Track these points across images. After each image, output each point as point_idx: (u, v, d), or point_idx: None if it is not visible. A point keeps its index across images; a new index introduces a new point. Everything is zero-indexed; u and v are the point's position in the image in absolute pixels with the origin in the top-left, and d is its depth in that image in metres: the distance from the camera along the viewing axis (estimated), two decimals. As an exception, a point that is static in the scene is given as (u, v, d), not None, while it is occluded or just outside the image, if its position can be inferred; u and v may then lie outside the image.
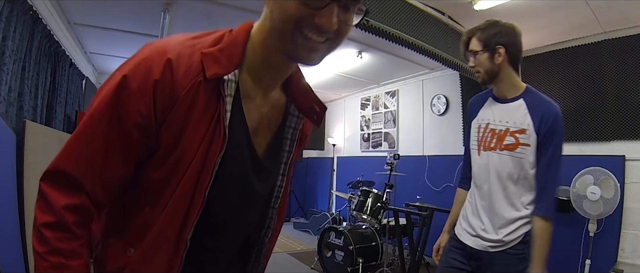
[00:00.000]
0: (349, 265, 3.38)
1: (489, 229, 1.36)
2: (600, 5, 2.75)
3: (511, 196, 1.35)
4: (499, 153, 1.37)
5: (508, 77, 1.38)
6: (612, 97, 3.10)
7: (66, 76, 3.72)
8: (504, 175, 1.35)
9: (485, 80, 1.40)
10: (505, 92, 1.40)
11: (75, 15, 3.40)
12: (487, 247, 1.36)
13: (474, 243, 1.40)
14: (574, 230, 3.11)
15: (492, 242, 1.35)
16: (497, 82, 1.40)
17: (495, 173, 1.37)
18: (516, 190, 1.34)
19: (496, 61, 1.35)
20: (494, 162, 1.38)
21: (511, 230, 1.33)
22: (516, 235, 1.33)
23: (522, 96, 1.37)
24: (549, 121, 1.30)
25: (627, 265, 2.80)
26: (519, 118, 1.35)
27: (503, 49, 1.33)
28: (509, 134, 1.35)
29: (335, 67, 4.71)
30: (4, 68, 2.29)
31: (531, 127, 1.32)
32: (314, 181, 7.13)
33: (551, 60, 3.52)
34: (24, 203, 2.47)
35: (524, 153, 1.33)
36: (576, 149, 3.33)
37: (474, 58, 1.39)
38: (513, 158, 1.34)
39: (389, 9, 2.55)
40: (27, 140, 2.54)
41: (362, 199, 3.64)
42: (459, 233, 1.48)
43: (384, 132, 5.50)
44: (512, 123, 1.36)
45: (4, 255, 2.06)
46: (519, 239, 1.32)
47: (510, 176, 1.34)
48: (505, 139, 1.36)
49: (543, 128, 1.30)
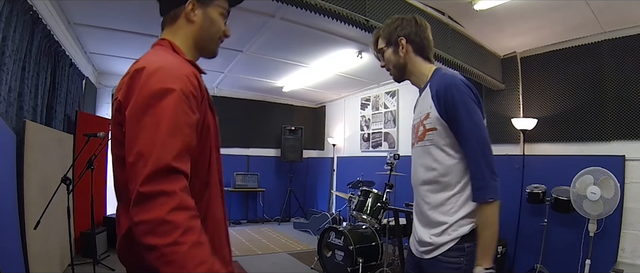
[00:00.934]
0: (349, 265, 3.38)
1: (421, 231, 1.24)
2: (600, 5, 2.75)
3: (433, 196, 1.20)
4: (415, 147, 1.30)
5: (416, 68, 1.31)
6: (612, 97, 3.10)
7: (66, 76, 3.72)
8: (421, 171, 1.25)
9: (397, 75, 1.34)
10: (419, 82, 1.33)
11: (75, 15, 3.40)
12: (421, 252, 1.23)
13: (415, 251, 1.28)
14: (574, 230, 3.12)
15: (424, 245, 1.21)
16: (409, 75, 1.33)
17: (415, 170, 1.29)
18: (437, 187, 1.19)
19: (401, 54, 1.30)
20: (414, 159, 1.30)
21: (438, 231, 1.17)
22: (446, 238, 1.15)
23: (428, 82, 1.28)
24: (443, 94, 1.16)
25: (627, 265, 2.80)
26: (426, 103, 1.24)
27: (404, 40, 1.29)
28: (420, 125, 1.26)
29: (335, 67, 4.71)
30: (4, 68, 2.29)
31: (433, 108, 1.19)
32: (314, 181, 7.13)
33: (551, 60, 3.52)
34: (24, 203, 2.47)
35: (433, 138, 1.19)
36: (576, 149, 3.33)
37: (383, 57, 1.35)
38: (424, 148, 1.23)
39: (389, 9, 2.55)
40: (27, 140, 2.54)
41: (362, 199, 3.64)
42: (411, 242, 1.35)
43: (384, 132, 5.50)
44: (421, 112, 1.28)
45: (4, 255, 2.06)
46: (451, 244, 1.14)
47: (427, 169, 1.22)
48: (419, 130, 1.27)
49: (441, 104, 1.16)
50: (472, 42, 3.36)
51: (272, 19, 3.24)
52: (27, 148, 2.54)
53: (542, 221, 3.28)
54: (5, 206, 2.21)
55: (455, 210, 1.15)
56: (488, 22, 3.16)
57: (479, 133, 1.12)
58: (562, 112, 3.43)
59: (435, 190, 1.20)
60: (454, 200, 1.16)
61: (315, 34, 3.57)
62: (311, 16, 2.34)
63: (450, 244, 1.14)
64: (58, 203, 2.60)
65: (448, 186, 1.17)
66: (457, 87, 1.14)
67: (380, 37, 1.36)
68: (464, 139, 1.13)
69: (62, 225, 2.79)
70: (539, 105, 3.60)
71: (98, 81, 5.34)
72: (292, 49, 4.16)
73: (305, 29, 3.46)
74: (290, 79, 5.54)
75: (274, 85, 5.91)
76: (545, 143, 3.56)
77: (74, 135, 3.80)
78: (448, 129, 1.16)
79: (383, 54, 1.35)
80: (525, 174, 3.56)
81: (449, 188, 1.17)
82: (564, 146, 3.43)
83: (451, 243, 1.14)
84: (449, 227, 1.15)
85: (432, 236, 1.18)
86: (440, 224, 1.17)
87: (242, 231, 5.72)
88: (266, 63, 4.62)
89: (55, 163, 3.16)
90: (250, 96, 6.63)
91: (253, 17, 3.25)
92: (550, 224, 3.28)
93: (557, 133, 3.46)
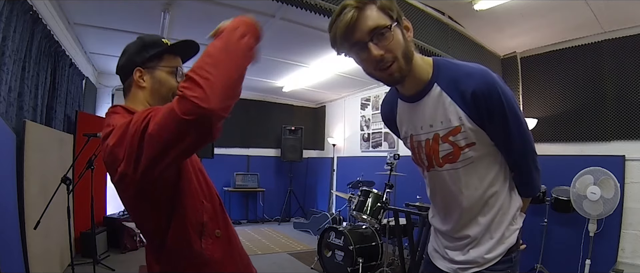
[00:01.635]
0: (349, 265, 3.38)
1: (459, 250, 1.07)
2: (600, 5, 2.75)
3: (481, 218, 1.02)
4: (439, 170, 1.02)
5: (417, 63, 0.95)
6: (612, 97, 3.10)
7: (66, 76, 3.72)
8: (458, 193, 1.01)
9: (403, 69, 0.90)
10: (416, 82, 0.97)
11: (75, 15, 3.40)
12: (457, 270, 1.06)
13: (446, 267, 1.10)
14: (574, 230, 3.12)
15: (466, 263, 1.04)
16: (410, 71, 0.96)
17: (447, 193, 1.04)
18: (483, 205, 1.01)
19: (408, 39, 0.91)
20: (442, 180, 1.04)
21: (488, 248, 1.02)
22: (497, 251, 1.02)
23: (434, 80, 0.96)
24: (486, 100, 0.90)
25: (627, 265, 2.80)
26: (443, 112, 0.96)
27: (409, 23, 0.94)
28: (442, 141, 0.98)
29: (335, 67, 4.71)
30: (4, 68, 2.29)
31: (465, 118, 0.93)
32: (314, 181, 7.13)
33: (551, 60, 3.52)
34: (24, 203, 2.47)
35: (472, 155, 0.96)
36: (576, 149, 3.33)
37: (383, 40, 0.86)
38: (462, 170, 0.99)
39: (389, 9, 2.55)
40: (27, 140, 2.54)
41: (362, 199, 3.64)
42: (432, 255, 1.18)
43: (384, 132, 5.50)
44: (439, 124, 0.97)
45: (4, 255, 2.06)
46: (500, 257, 1.02)
47: (463, 192, 1.00)
48: (440, 149, 0.99)
49: (484, 113, 0.92)
50: (472, 42, 3.36)
51: (272, 19, 3.24)
52: (27, 148, 2.54)
53: (542, 221, 3.28)
54: (5, 206, 2.21)
55: (504, 221, 1.02)
56: (488, 22, 3.16)
57: (530, 135, 1.01)
58: (562, 112, 3.43)
59: (480, 207, 1.01)
60: (502, 211, 1.02)
61: (315, 34, 3.56)
62: (311, 16, 2.34)
63: (499, 257, 1.01)
64: (58, 203, 2.59)
65: (495, 199, 1.01)
66: (499, 87, 0.92)
67: (374, 10, 0.87)
68: (514, 143, 0.97)
69: (62, 225, 2.79)
70: (539, 105, 3.60)
71: (98, 81, 5.34)
72: (292, 49, 4.16)
73: (305, 29, 3.46)
74: (290, 79, 5.54)
75: (274, 85, 5.91)
76: (545, 143, 3.56)
77: (74, 135, 3.80)
78: (485, 135, 0.96)
79: (383, 34, 0.86)
80: (525, 174, 3.56)
81: (497, 200, 1.01)
82: (564, 146, 3.43)
83: (500, 257, 1.01)
84: (500, 240, 1.01)
85: (479, 253, 1.02)
86: (489, 239, 1.02)
87: (242, 231, 5.72)
88: (266, 63, 4.62)
89: (55, 163, 3.16)
90: (250, 95, 6.63)
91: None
92: (550, 224, 3.28)
93: (557, 133, 3.46)
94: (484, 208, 1.01)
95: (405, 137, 1.12)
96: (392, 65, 0.89)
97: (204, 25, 3.87)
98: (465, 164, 0.98)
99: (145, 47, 0.98)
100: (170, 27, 3.45)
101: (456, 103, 0.93)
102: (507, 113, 0.92)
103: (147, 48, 0.98)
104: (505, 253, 1.01)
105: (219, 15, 3.40)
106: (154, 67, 0.97)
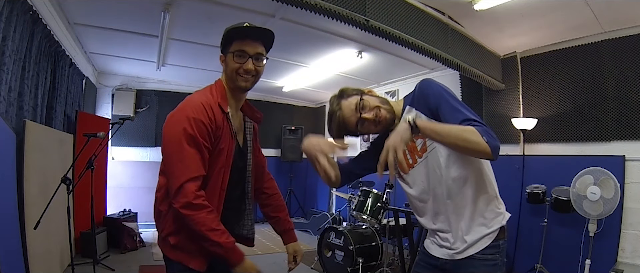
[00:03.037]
0: (349, 265, 3.38)
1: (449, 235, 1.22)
2: (600, 5, 2.75)
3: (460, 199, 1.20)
4: (423, 159, 1.24)
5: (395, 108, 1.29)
6: (612, 97, 3.10)
7: (66, 76, 3.72)
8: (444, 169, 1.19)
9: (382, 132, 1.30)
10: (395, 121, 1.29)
11: (75, 15, 3.40)
12: (452, 254, 1.20)
13: (441, 254, 1.24)
14: (574, 230, 3.12)
15: (458, 245, 1.20)
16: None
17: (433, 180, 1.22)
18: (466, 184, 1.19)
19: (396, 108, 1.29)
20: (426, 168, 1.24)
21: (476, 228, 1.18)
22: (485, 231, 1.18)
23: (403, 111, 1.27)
24: (419, 97, 1.20)
25: (627, 265, 2.80)
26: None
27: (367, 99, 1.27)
28: (414, 138, 1.21)
29: (335, 67, 4.71)
30: (4, 68, 2.29)
31: (421, 115, 1.19)
32: (314, 181, 7.12)
33: (551, 60, 3.52)
34: (24, 202, 2.47)
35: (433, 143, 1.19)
36: (576, 149, 3.33)
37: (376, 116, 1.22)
38: (431, 156, 1.21)
39: (389, 9, 2.55)
40: (27, 140, 2.54)
41: (362, 199, 3.64)
42: (428, 246, 1.32)
43: (384, 132, 5.50)
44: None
45: (4, 255, 2.06)
46: (488, 241, 1.17)
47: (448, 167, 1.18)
48: (416, 143, 1.24)
49: (424, 106, 1.19)
50: (472, 42, 3.36)
51: (272, 19, 3.23)
52: (27, 148, 2.54)
53: (542, 221, 3.28)
54: (5, 206, 2.21)
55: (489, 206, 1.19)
56: (488, 22, 3.16)
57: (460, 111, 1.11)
58: (562, 112, 3.43)
59: (463, 192, 1.18)
60: (488, 197, 1.20)
61: (315, 34, 3.56)
62: (311, 16, 2.33)
63: (488, 242, 1.17)
64: (58, 203, 2.59)
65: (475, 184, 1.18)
66: (425, 83, 1.20)
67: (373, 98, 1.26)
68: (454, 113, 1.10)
69: (62, 225, 2.78)
70: (539, 105, 3.60)
71: (98, 81, 5.34)
72: (292, 49, 4.16)
73: (305, 29, 3.46)
74: (290, 79, 5.54)
75: (274, 85, 5.91)
76: (545, 143, 3.56)
77: (74, 135, 3.80)
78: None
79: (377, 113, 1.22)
80: (525, 174, 3.56)
81: (477, 185, 1.18)
82: (564, 146, 3.43)
83: (488, 241, 1.17)
84: (486, 224, 1.18)
85: (469, 236, 1.17)
86: (477, 224, 1.18)
87: (242, 231, 5.71)
88: (266, 63, 4.62)
89: (55, 163, 3.16)
90: (250, 95, 6.38)
91: (253, 17, 3.25)
92: (550, 224, 3.28)
93: (557, 133, 3.46)
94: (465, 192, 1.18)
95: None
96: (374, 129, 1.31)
97: (204, 25, 3.88)
98: (433, 149, 1.20)
99: (222, 38, 1.25)
100: (170, 27, 3.45)
101: (416, 109, 1.22)
102: (435, 98, 1.15)
103: (222, 39, 1.25)
104: (493, 238, 1.18)
105: (219, 15, 3.42)
106: (226, 52, 1.25)
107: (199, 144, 1.14)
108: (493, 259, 1.17)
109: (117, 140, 5.22)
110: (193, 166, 1.14)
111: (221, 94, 1.26)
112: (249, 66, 1.22)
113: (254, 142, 1.43)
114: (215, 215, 1.16)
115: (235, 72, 1.22)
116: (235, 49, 1.21)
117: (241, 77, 1.23)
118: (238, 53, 1.21)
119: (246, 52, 1.21)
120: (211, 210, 1.14)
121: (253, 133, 1.43)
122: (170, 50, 4.25)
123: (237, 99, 1.33)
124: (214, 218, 1.14)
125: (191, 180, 1.12)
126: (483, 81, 3.56)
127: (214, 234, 1.11)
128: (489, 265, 1.16)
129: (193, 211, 1.10)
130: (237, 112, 1.36)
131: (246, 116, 1.42)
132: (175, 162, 1.14)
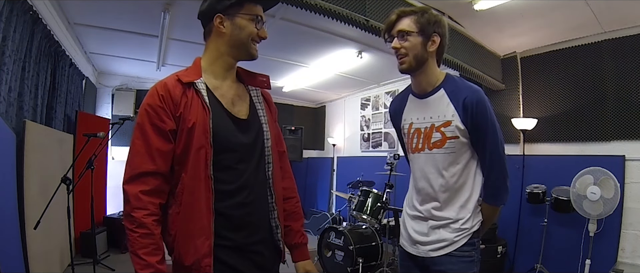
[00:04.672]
0: (349, 265, 3.38)
1: (429, 231, 1.29)
2: (600, 5, 2.75)
3: (450, 197, 1.26)
4: (428, 153, 1.29)
5: (431, 69, 1.29)
6: (612, 97, 3.10)
7: (66, 76, 3.72)
8: (437, 177, 1.26)
9: (412, 66, 1.25)
10: (426, 85, 1.30)
11: (75, 15, 3.40)
12: (428, 251, 1.28)
13: (417, 251, 1.31)
14: (574, 230, 3.12)
15: (435, 243, 1.27)
16: (420, 73, 1.28)
17: (427, 176, 1.29)
18: (454, 190, 1.26)
19: (429, 49, 1.25)
20: (424, 164, 1.30)
21: (455, 228, 1.25)
22: (462, 233, 1.25)
23: (442, 86, 1.28)
24: (474, 107, 1.20)
25: (627, 265, 2.80)
26: (442, 109, 1.25)
27: (439, 39, 1.26)
28: (435, 131, 1.26)
29: (335, 67, 4.71)
30: (4, 68, 2.29)
31: (456, 117, 1.22)
32: (314, 181, 7.12)
33: (551, 60, 3.52)
34: (24, 202, 2.47)
35: (454, 146, 1.24)
36: (576, 149, 3.33)
37: (403, 40, 1.24)
38: (444, 155, 1.25)
39: (389, 9, 2.55)
40: (27, 140, 2.54)
41: (362, 199, 3.64)
42: (403, 244, 1.39)
43: (384, 132, 5.50)
44: (436, 117, 1.27)
45: (4, 255, 2.06)
46: (465, 240, 1.25)
47: (442, 174, 1.25)
48: (433, 136, 1.27)
49: (468, 116, 1.21)
50: (472, 42, 3.36)
51: (272, 19, 3.23)
52: (27, 148, 2.54)
53: (542, 221, 3.28)
54: (5, 206, 2.21)
55: (470, 209, 1.27)
56: (488, 22, 3.16)
57: (502, 150, 1.25)
58: (562, 112, 3.43)
59: (453, 192, 1.27)
60: (471, 200, 1.27)
61: (315, 34, 3.56)
62: (311, 16, 2.34)
63: (465, 240, 1.25)
64: (58, 203, 2.59)
65: (464, 188, 1.27)
66: (486, 104, 1.22)
67: (409, 20, 1.24)
68: (487, 151, 1.24)
69: (62, 225, 2.79)
70: (539, 105, 3.60)
71: (98, 81, 5.34)
72: (292, 49, 4.16)
73: (305, 29, 3.46)
74: (290, 79, 5.54)
75: (274, 85, 5.91)
76: (545, 143, 3.56)
77: (74, 135, 3.80)
78: (468, 137, 1.24)
79: (404, 36, 1.23)
80: (525, 174, 3.56)
81: (466, 190, 1.27)
82: (564, 146, 3.43)
83: (465, 239, 1.25)
84: (465, 223, 1.25)
85: (447, 234, 1.25)
86: (456, 222, 1.25)
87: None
88: (266, 63, 4.62)
89: (55, 163, 3.16)
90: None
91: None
92: (550, 224, 3.28)
93: (557, 133, 3.46)
94: (454, 193, 1.26)
95: (404, 125, 1.39)
96: (404, 58, 1.25)
97: (204, 25, 3.85)
98: (446, 152, 1.25)
99: None
100: (170, 27, 3.45)
101: (453, 104, 1.24)
102: (487, 123, 1.21)
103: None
104: (469, 236, 1.25)
105: (219, 15, 3.24)
106: (234, 14, 1.04)
107: (146, 132, 0.97)
108: (470, 256, 1.25)
109: (117, 140, 5.21)
110: (134, 162, 0.97)
111: (188, 69, 1.09)
112: (265, 33, 1.09)
113: (268, 114, 1.18)
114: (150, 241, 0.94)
115: (251, 38, 1.06)
116: (251, 11, 1.05)
117: (256, 44, 1.09)
118: (254, 17, 1.06)
119: (261, 17, 1.07)
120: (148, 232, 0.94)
121: (264, 102, 1.20)
122: (170, 50, 4.25)
123: (229, 69, 1.12)
124: (147, 243, 0.94)
125: (130, 180, 0.95)
126: (483, 81, 3.56)
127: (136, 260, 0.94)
128: (467, 262, 1.25)
129: (130, 225, 0.94)
130: (232, 82, 1.14)
131: (248, 84, 1.19)
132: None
